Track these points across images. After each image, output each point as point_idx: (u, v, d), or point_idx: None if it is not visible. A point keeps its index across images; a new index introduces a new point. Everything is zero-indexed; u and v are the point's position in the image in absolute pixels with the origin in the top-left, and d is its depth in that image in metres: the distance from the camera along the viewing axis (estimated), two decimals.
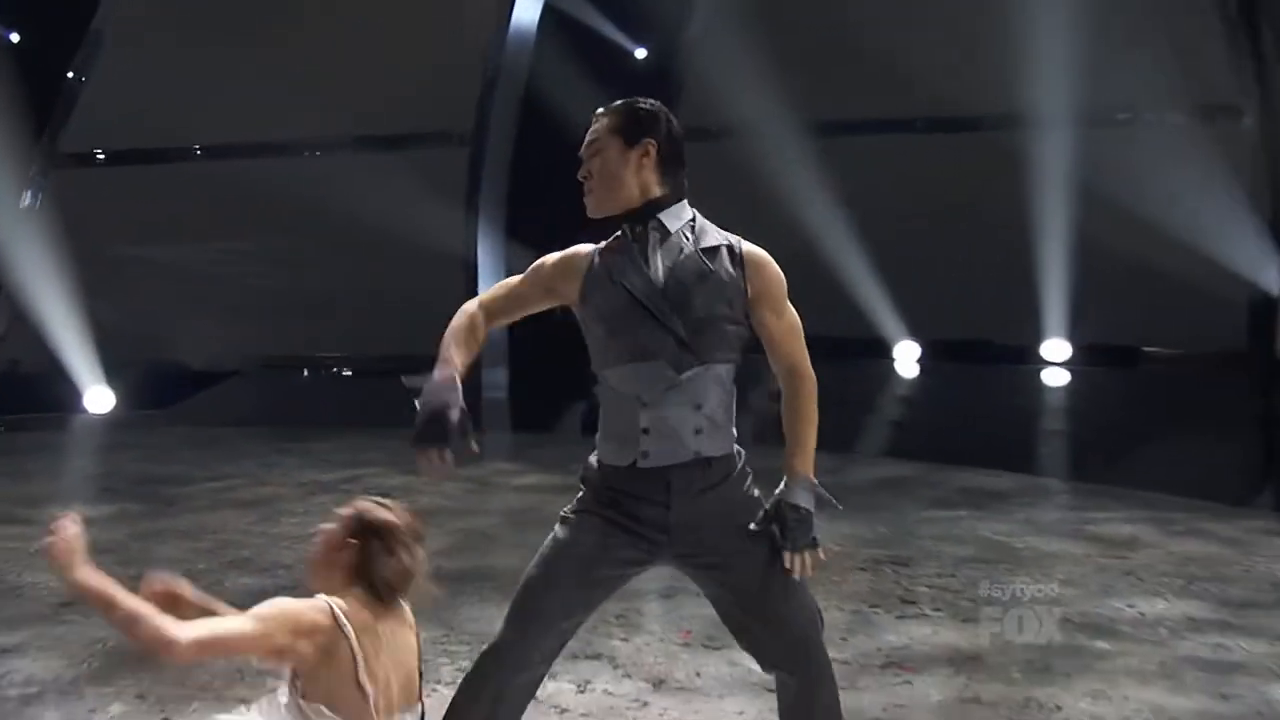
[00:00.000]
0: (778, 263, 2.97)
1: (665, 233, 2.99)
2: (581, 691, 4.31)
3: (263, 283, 10.44)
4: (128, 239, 10.28)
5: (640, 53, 11.86)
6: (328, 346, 11.00)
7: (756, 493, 3.01)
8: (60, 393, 9.83)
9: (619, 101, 2.99)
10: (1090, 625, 5.09)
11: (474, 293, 10.46)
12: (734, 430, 2.96)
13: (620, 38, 11.60)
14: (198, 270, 10.39)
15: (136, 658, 4.69)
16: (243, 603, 5.83)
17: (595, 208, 2.93)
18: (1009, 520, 7.23)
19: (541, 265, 3.03)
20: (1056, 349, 11.16)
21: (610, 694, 4.25)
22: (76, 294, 9.62)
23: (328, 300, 10.38)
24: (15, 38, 9.76)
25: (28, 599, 5.78)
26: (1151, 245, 9.22)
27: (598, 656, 4.07)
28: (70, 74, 10.07)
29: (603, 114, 2.94)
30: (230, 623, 2.67)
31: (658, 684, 4.08)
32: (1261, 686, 4.41)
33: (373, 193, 9.66)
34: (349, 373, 11.26)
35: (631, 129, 2.92)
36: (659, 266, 2.98)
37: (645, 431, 2.92)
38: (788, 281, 3.00)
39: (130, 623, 2.47)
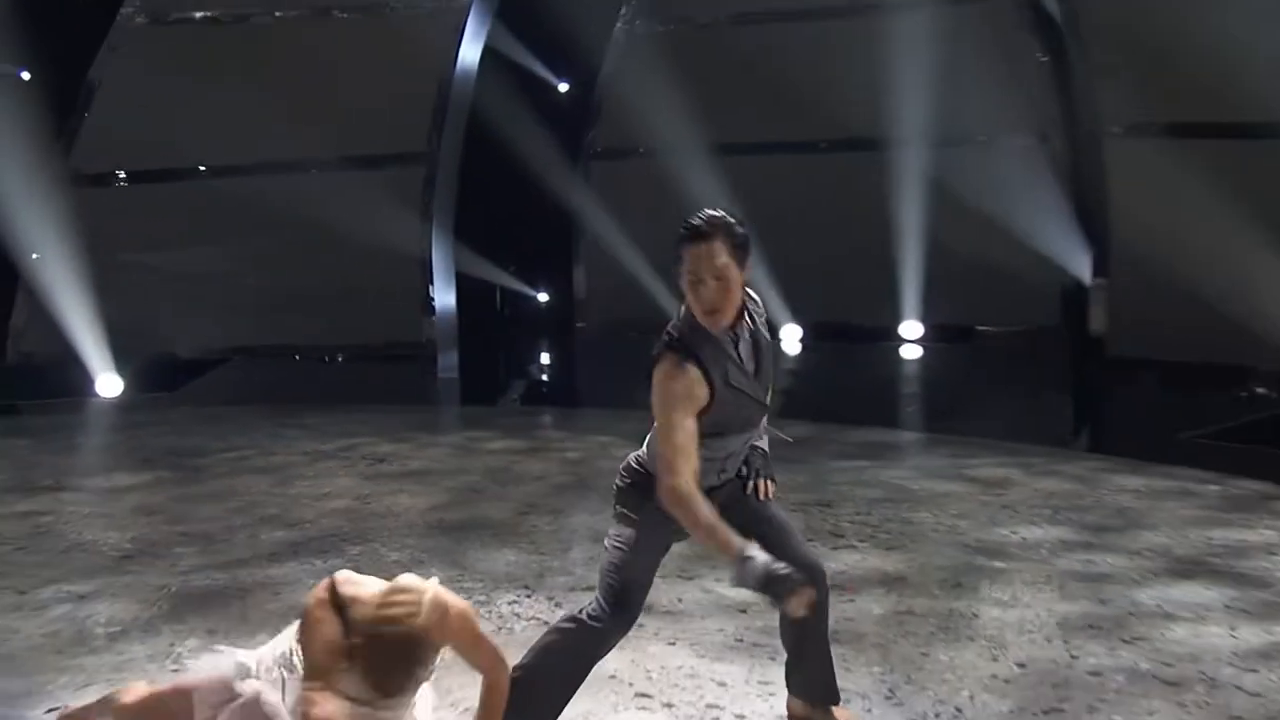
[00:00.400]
0: None
1: (744, 319, 3.14)
2: None
3: (251, 281, 10.27)
4: (134, 246, 10.06)
5: (563, 86, 11.85)
6: (310, 335, 10.76)
7: None
8: (74, 379, 9.55)
9: (722, 221, 2.97)
10: (985, 549, 5.33)
11: (428, 284, 10.38)
12: None
13: (547, 73, 11.59)
14: (194, 271, 10.13)
15: (201, 599, 4.94)
16: (280, 554, 5.64)
17: (723, 319, 2.95)
18: (903, 467, 7.45)
19: (688, 400, 3.01)
20: (912, 328, 11.25)
21: None
22: (89, 292, 9.35)
23: (309, 295, 10.23)
24: (26, 75, 9.51)
25: (91, 553, 5.81)
26: (988, 241, 9.56)
27: (591, 587, 3.86)
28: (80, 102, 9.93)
29: (713, 235, 2.94)
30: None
31: (647, 610, 4.07)
32: (1128, 592, 4.72)
33: (345, 204, 9.66)
34: (340, 358, 11.03)
35: (743, 254, 2.99)
36: (749, 357, 3.11)
37: (724, 469, 3.18)
38: None
39: None
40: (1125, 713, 3.66)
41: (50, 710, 3.75)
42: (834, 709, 3.56)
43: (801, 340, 11.62)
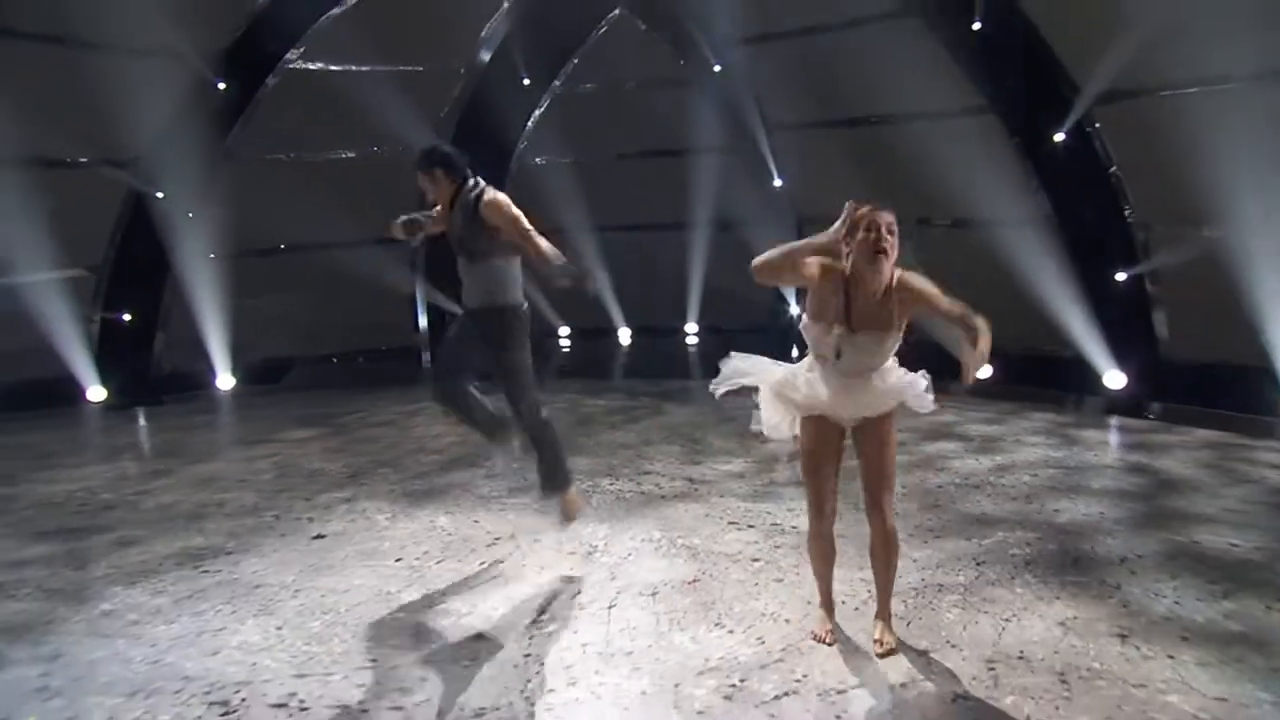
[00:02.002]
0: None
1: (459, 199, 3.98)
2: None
3: (300, 307, 10.43)
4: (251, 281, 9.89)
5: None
6: (344, 344, 11.13)
7: None
8: (199, 375, 9.73)
9: (420, 154, 4.02)
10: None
11: (415, 309, 11.37)
12: None
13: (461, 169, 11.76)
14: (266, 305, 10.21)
15: (424, 494, 5.66)
16: (445, 468, 6.04)
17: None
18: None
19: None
20: (692, 328, 11.78)
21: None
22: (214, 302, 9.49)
23: (345, 317, 10.59)
24: (222, 85, 9.20)
25: (328, 476, 6.09)
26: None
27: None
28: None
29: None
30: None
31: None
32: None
33: (364, 262, 10.15)
34: (360, 359, 11.29)
35: (429, 168, 3.99)
36: (458, 214, 4.06)
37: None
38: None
39: None
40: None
41: (318, 537, 4.77)
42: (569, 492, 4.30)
43: (630, 336, 11.93)
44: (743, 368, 3.34)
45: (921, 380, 3.11)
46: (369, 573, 4.29)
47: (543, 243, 3.86)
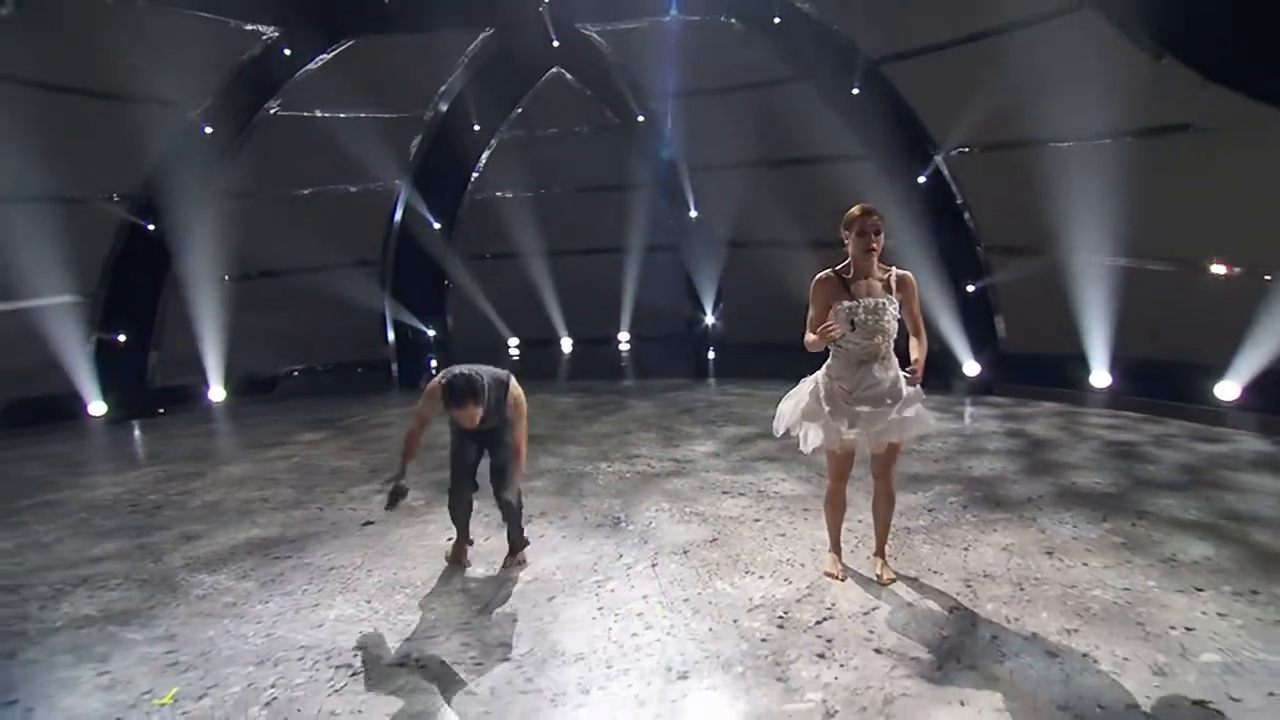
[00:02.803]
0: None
1: None
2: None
3: (287, 325, 9.81)
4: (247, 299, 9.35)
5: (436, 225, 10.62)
6: (322, 358, 10.53)
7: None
8: (191, 389, 9.19)
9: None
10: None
11: (384, 326, 10.97)
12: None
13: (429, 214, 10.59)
14: (255, 323, 9.51)
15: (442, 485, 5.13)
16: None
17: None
18: (699, 402, 7.94)
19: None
20: (624, 336, 11.37)
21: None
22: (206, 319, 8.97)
23: (327, 333, 10.08)
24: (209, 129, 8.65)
25: (349, 474, 5.83)
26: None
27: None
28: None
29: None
30: None
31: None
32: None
33: (344, 284, 9.96)
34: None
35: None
36: None
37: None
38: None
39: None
40: None
41: (367, 524, 4.59)
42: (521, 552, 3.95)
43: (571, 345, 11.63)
44: (783, 409, 3.46)
45: (929, 419, 3.30)
46: (427, 551, 4.20)
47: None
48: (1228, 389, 6.59)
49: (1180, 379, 7.03)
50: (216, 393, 9.33)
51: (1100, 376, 7.58)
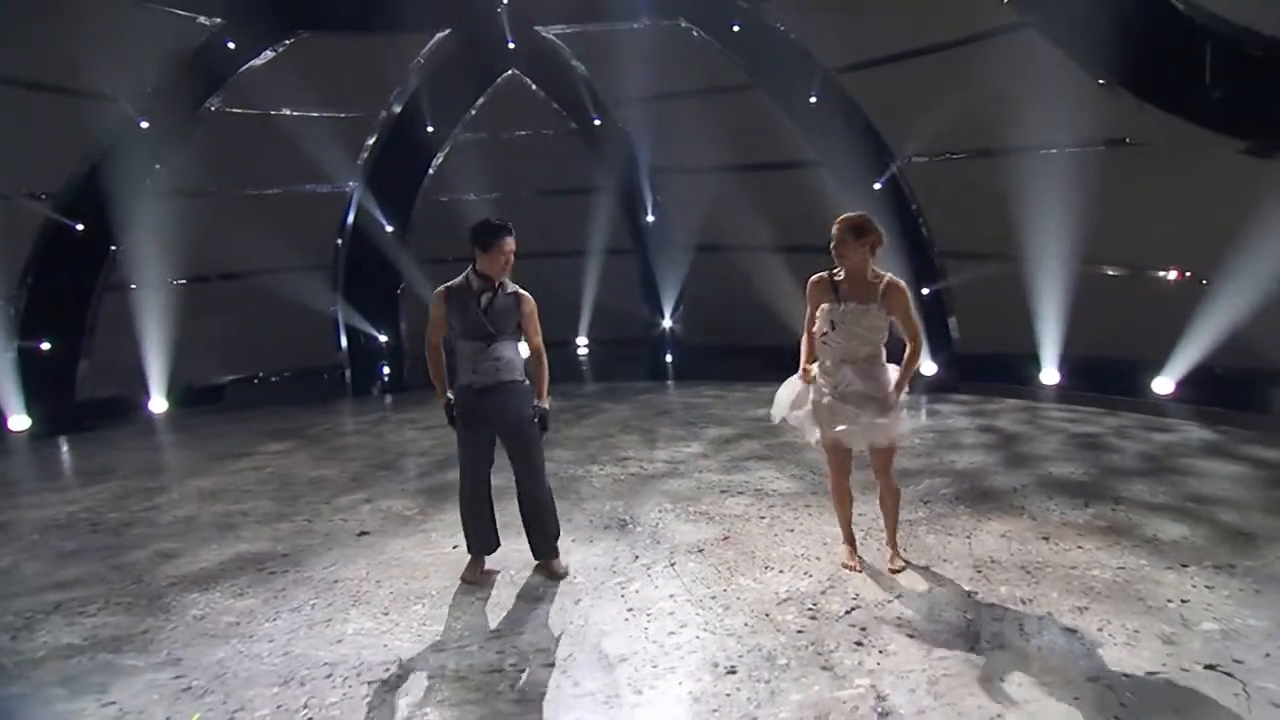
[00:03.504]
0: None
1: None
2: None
3: (236, 331, 9.33)
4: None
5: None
6: (270, 365, 10.03)
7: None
8: (127, 400, 8.70)
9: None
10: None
11: (337, 331, 10.60)
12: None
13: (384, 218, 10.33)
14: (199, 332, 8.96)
15: (433, 491, 5.21)
16: (442, 466, 5.57)
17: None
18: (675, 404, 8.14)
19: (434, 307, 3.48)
20: (582, 340, 11.21)
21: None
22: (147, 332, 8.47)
23: (280, 339, 9.65)
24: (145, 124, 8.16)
25: (329, 483, 5.58)
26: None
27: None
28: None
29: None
30: None
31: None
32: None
33: (301, 288, 9.64)
34: (287, 375, 10.20)
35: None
36: (487, 305, 3.47)
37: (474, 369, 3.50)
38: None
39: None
40: None
41: (362, 534, 4.42)
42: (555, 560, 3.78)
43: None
44: (780, 396, 3.62)
45: (894, 429, 3.41)
46: (434, 561, 4.09)
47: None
48: (1164, 384, 7.12)
49: (1121, 375, 7.55)
50: (158, 404, 8.87)
51: (1050, 374, 8.05)
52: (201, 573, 4.12)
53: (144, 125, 8.45)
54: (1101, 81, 6.86)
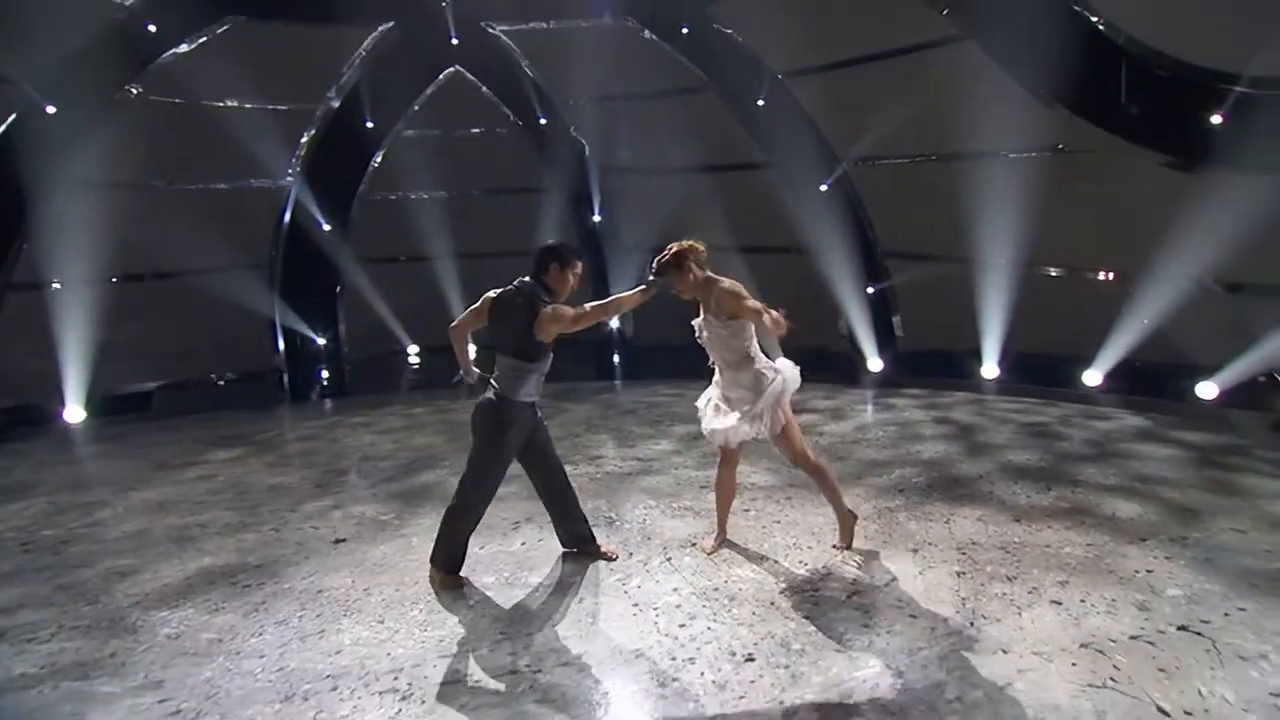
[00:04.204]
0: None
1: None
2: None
3: (170, 335, 8.91)
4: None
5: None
6: (203, 370, 9.63)
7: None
8: (39, 410, 8.08)
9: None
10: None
11: (275, 334, 10.14)
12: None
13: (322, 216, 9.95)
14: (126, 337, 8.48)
15: (407, 493, 5.06)
16: (414, 467, 5.48)
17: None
18: (639, 404, 8.07)
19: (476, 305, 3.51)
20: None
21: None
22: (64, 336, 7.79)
23: (210, 344, 9.27)
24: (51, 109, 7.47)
25: (290, 490, 5.30)
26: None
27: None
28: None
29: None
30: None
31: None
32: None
33: (237, 288, 9.23)
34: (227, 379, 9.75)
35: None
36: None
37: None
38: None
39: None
40: None
41: (338, 541, 4.28)
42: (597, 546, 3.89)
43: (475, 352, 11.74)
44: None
45: (752, 423, 3.59)
46: (421, 565, 3.94)
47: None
48: (1093, 376, 7.65)
49: (1053, 369, 8.09)
50: (74, 413, 8.23)
51: (990, 369, 8.51)
52: (166, 589, 3.88)
53: (50, 110, 7.80)
54: (1038, 95, 7.28)
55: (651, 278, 3.49)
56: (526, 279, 3.51)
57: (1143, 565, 3.78)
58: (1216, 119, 6.32)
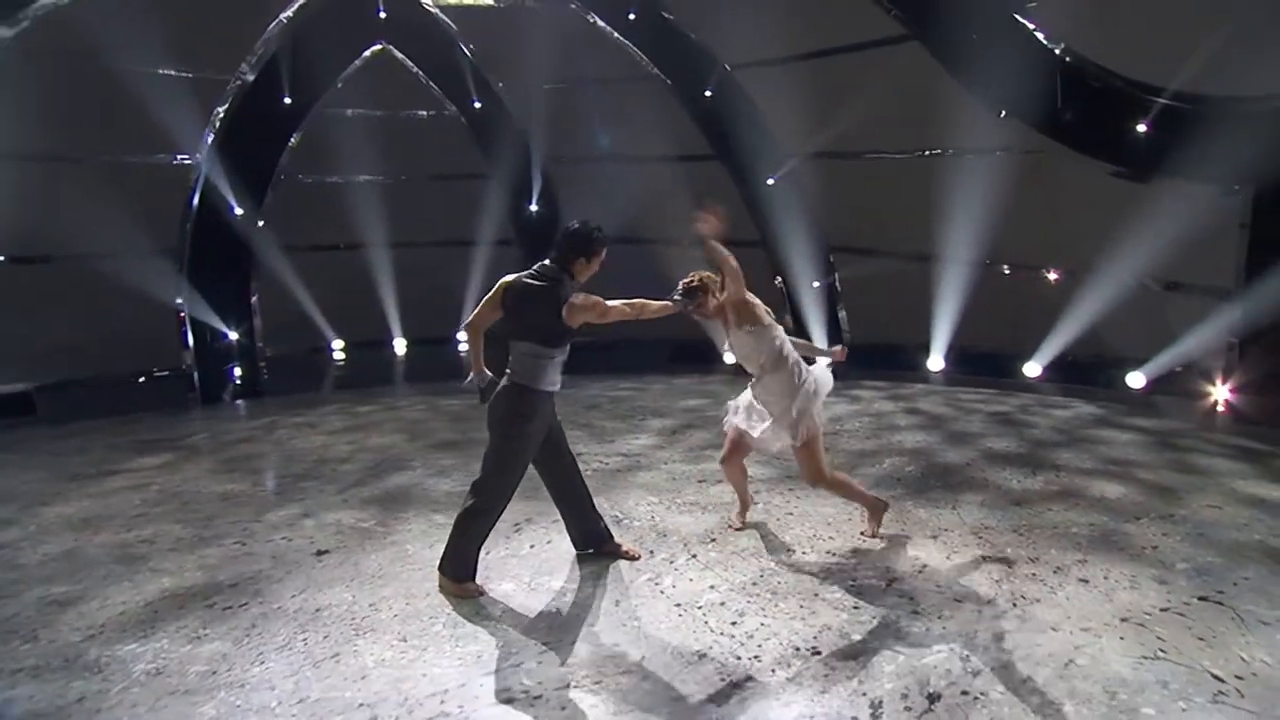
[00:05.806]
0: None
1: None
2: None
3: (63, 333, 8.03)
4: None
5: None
6: (105, 367, 8.78)
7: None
8: None
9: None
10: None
11: (183, 330, 9.31)
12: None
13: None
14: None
15: (383, 498, 4.75)
16: (377, 470, 5.20)
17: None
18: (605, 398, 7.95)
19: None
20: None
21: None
22: None
23: (114, 340, 8.46)
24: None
25: (240, 499, 4.94)
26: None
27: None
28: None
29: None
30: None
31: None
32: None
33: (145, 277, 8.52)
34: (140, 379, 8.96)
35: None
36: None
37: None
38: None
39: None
40: None
41: (321, 553, 3.95)
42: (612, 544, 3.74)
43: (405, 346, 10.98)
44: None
45: (790, 429, 3.66)
46: (426, 575, 3.69)
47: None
48: (1032, 369, 8.17)
49: (993, 361, 8.59)
50: None
51: (935, 361, 8.91)
52: (125, 618, 3.42)
53: None
54: (974, 97, 7.64)
55: (677, 297, 3.54)
56: (548, 262, 3.32)
57: (1146, 542, 4.01)
58: (1141, 128, 6.82)
